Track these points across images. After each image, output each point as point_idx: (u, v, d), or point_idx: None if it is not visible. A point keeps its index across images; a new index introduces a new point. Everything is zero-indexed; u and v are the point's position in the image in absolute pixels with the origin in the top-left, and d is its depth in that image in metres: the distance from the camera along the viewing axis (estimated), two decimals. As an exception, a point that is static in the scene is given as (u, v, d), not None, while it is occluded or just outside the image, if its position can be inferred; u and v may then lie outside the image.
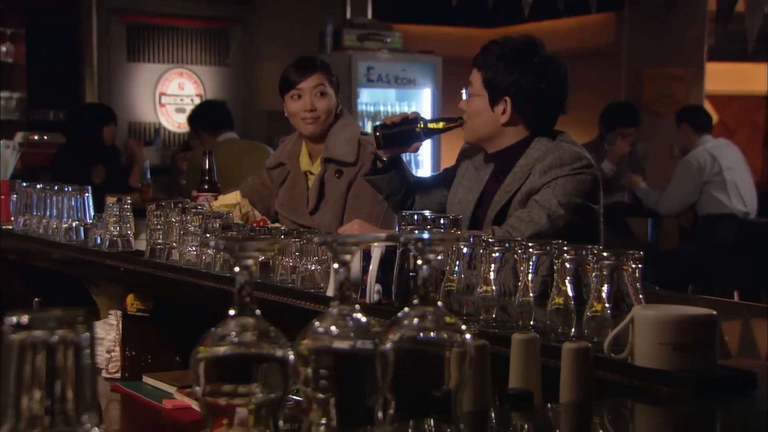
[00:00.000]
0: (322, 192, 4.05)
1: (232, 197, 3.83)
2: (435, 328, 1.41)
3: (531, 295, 2.08)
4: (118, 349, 3.23)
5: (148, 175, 7.41)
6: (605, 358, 1.81)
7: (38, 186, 3.84)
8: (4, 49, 9.77)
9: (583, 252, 1.95)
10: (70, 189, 3.64)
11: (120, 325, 3.23)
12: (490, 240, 2.11)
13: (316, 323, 1.36)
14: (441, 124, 3.56)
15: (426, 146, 8.61)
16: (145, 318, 3.23)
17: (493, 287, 2.13)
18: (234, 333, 1.30)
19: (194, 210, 3.04)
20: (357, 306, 1.38)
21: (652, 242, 8.06)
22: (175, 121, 10.25)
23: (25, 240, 3.86)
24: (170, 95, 10.27)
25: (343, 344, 1.36)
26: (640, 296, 1.90)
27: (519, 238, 2.13)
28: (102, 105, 8.60)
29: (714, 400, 1.70)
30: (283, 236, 2.69)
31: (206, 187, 3.95)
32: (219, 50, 10.41)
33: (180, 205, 3.10)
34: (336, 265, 1.36)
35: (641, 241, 8.13)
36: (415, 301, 1.42)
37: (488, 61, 3.41)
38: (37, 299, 3.95)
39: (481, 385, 1.71)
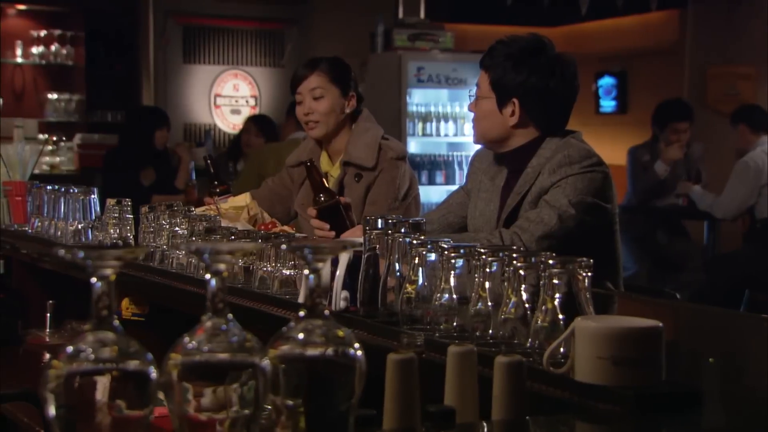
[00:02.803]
0: (341, 195, 3.97)
1: (241, 199, 3.78)
2: (323, 343, 1.33)
3: (490, 303, 1.97)
4: (113, 353, 3.18)
5: (194, 177, 7.41)
6: (544, 372, 1.70)
7: (48, 188, 3.81)
8: (64, 51, 9.89)
9: (533, 260, 1.84)
10: (76, 191, 3.60)
11: (115, 329, 3.18)
12: (445, 246, 2.01)
13: (186, 338, 1.28)
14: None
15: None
16: (140, 323, 3.17)
17: (455, 296, 2.03)
18: (91, 349, 1.22)
19: (183, 213, 2.98)
20: (231, 316, 1.29)
21: (708, 245, 7.85)
22: (230, 122, 10.25)
23: (36, 242, 3.84)
24: (225, 96, 10.28)
25: (214, 359, 1.27)
26: (591, 307, 1.79)
27: (478, 245, 2.03)
28: (156, 108, 8.63)
29: (654, 417, 1.59)
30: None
31: (218, 190, 3.89)
32: (274, 51, 10.39)
33: (172, 207, 3.05)
34: (208, 276, 1.28)
35: (698, 245, 7.93)
36: (302, 313, 1.34)
37: (495, 61, 3.32)
38: (51, 301, 3.94)
39: (406, 401, 1.62)
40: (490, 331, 1.97)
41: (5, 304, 3.93)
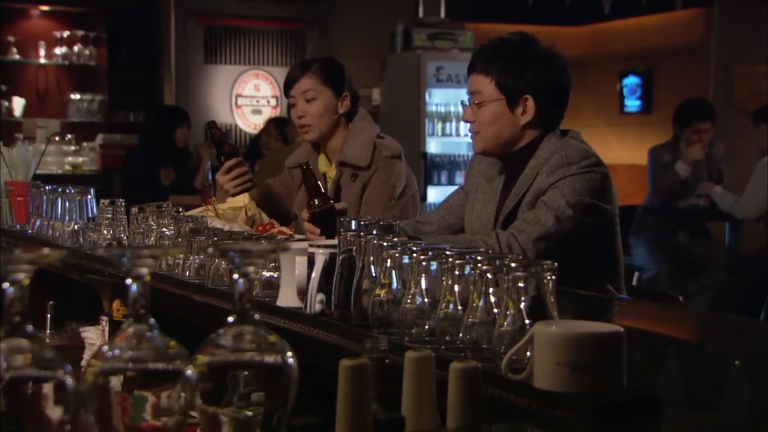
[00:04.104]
0: (338, 196, 3.94)
1: (240, 200, 3.75)
2: (253, 349, 1.28)
3: (459, 307, 1.92)
4: (103, 355, 3.15)
5: (210, 177, 7.39)
6: (503, 378, 1.65)
7: (47, 188, 3.80)
8: (87, 52, 9.94)
9: (497, 262, 1.79)
10: (72, 191, 3.58)
11: (106, 331, 3.15)
12: (413, 248, 1.96)
13: (105, 347, 1.24)
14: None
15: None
16: (132, 324, 3.13)
17: (426, 299, 1.98)
18: (3, 357, 1.18)
19: (171, 214, 2.95)
20: (153, 321, 1.25)
21: (730, 247, 7.74)
22: (250, 122, 10.24)
23: (35, 242, 3.82)
24: (246, 96, 10.27)
25: (136, 366, 1.23)
26: (555, 312, 1.73)
27: (447, 246, 1.98)
28: (175, 107, 8.64)
29: (612, 425, 1.53)
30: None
31: (229, 165, 3.97)
32: (295, 51, 10.37)
33: (160, 208, 3.01)
34: (129, 281, 1.24)
35: (719, 246, 7.83)
36: (230, 319, 1.29)
37: (497, 64, 3.25)
38: (51, 302, 3.92)
39: (358, 408, 1.57)
40: (461, 335, 1.92)
41: (5, 305, 3.92)
